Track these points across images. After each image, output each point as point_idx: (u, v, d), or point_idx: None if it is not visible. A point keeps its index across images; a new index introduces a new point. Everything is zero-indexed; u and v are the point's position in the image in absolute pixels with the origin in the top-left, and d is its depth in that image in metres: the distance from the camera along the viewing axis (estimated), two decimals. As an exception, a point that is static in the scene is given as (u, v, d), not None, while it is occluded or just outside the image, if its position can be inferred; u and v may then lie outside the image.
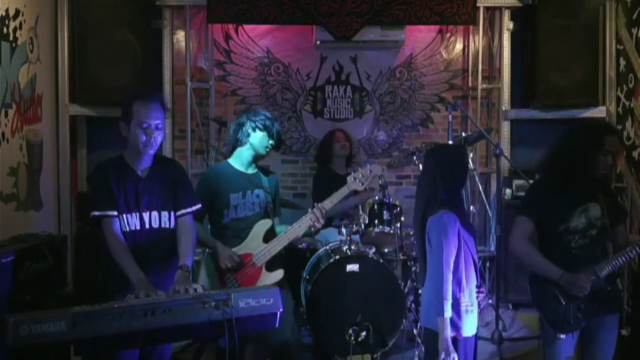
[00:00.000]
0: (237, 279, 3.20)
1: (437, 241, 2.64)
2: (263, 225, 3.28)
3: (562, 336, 2.81)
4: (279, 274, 3.24)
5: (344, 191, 3.24)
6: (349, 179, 3.26)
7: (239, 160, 3.36)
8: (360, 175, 3.25)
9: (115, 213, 2.70)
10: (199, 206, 2.93)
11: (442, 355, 2.59)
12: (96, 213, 2.70)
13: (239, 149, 3.35)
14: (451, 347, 2.60)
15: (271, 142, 3.31)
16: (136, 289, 2.50)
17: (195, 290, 2.48)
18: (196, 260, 3.20)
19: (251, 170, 3.38)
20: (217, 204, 3.27)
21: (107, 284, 2.75)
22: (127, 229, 2.72)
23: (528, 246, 2.85)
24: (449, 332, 2.62)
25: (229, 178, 3.30)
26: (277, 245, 3.22)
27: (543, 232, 2.87)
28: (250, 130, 3.28)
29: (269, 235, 3.27)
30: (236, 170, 3.35)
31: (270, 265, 3.24)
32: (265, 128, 3.29)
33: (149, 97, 2.76)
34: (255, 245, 3.23)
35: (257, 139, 3.29)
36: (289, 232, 3.23)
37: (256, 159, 3.37)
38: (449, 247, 2.64)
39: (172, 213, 2.82)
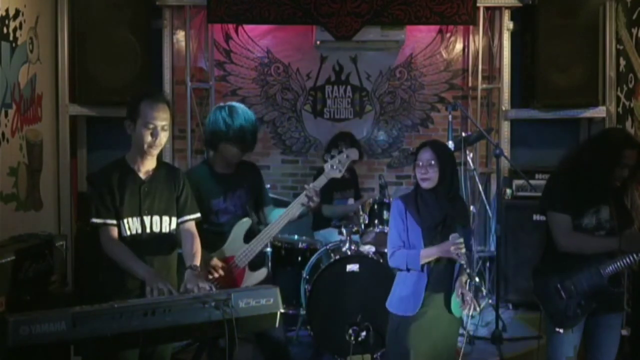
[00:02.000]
0: (222, 283, 3.08)
1: None
2: (242, 225, 3.16)
3: (560, 330, 2.83)
4: (262, 272, 3.16)
5: (322, 180, 3.06)
6: (326, 167, 3.07)
7: (218, 162, 3.21)
8: (337, 162, 3.06)
9: (114, 222, 2.69)
10: (199, 214, 2.92)
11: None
12: (95, 220, 2.69)
13: (215, 153, 3.20)
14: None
15: (236, 150, 3.12)
16: (148, 283, 2.50)
17: (211, 288, 2.49)
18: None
19: (230, 170, 3.22)
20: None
21: (107, 286, 2.75)
22: (128, 233, 2.71)
23: (578, 237, 2.85)
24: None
25: (209, 182, 3.16)
26: (258, 245, 3.11)
27: None
28: (217, 142, 3.12)
29: (250, 235, 3.16)
30: (215, 172, 3.19)
31: (253, 265, 3.15)
32: (235, 141, 3.08)
33: (156, 97, 2.75)
34: (237, 246, 3.12)
35: (228, 150, 3.11)
36: (272, 227, 3.11)
37: (229, 164, 3.20)
38: (391, 228, 2.95)
39: (172, 219, 2.81)
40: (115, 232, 2.69)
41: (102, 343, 2.09)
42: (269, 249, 4.12)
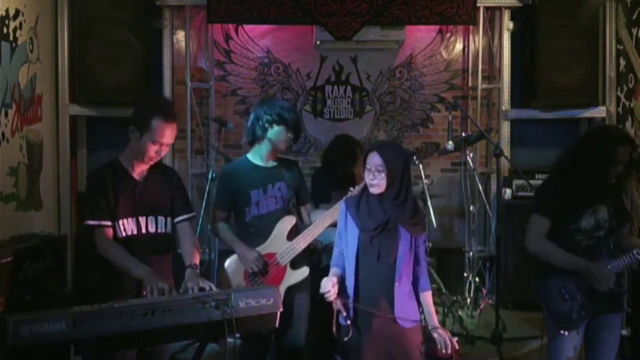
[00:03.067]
0: (262, 279, 3.14)
1: None
2: (286, 222, 3.19)
3: (564, 333, 2.83)
4: (304, 271, 3.18)
5: None
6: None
7: (258, 154, 3.25)
8: None
9: (109, 223, 2.69)
10: (193, 214, 2.95)
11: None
12: (90, 222, 2.69)
13: (257, 145, 3.25)
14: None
15: (290, 135, 3.21)
16: (146, 282, 2.50)
17: (211, 288, 2.49)
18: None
19: (271, 164, 3.27)
20: (238, 202, 3.20)
21: (104, 288, 2.74)
22: (123, 234, 2.71)
23: (547, 243, 2.86)
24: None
25: (247, 174, 3.21)
26: (301, 243, 3.15)
27: (554, 230, 2.89)
28: (267, 125, 3.16)
29: (293, 233, 3.20)
30: (254, 165, 3.25)
31: (295, 263, 3.18)
32: (282, 121, 3.16)
33: (169, 115, 2.74)
34: (279, 244, 3.15)
35: (275, 133, 3.17)
36: (315, 227, 3.14)
37: (276, 153, 3.27)
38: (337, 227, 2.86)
39: (168, 218, 2.82)
40: (110, 233, 2.69)
41: (102, 343, 2.09)
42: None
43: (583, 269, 2.78)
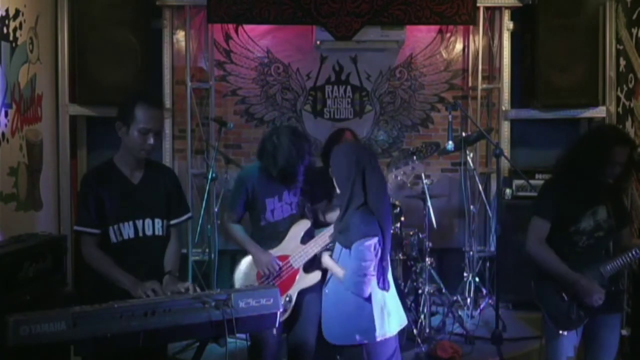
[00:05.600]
0: (275, 282, 3.15)
1: None
2: (301, 225, 3.21)
3: (564, 333, 2.83)
4: (316, 275, 3.18)
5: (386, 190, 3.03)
6: (390, 177, 3.05)
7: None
8: (402, 173, 3.05)
9: (96, 231, 2.66)
10: (190, 214, 2.94)
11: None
12: (77, 228, 2.68)
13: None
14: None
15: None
16: (133, 293, 2.50)
17: (196, 290, 2.50)
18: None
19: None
20: (254, 208, 3.23)
21: (99, 290, 2.73)
22: (121, 238, 2.69)
23: (546, 249, 2.87)
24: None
25: (263, 182, 3.22)
26: (314, 247, 3.15)
27: (554, 231, 2.90)
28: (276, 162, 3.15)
29: (307, 236, 3.21)
30: (270, 173, 3.22)
31: (308, 267, 3.18)
32: (283, 169, 3.12)
33: (152, 101, 2.70)
34: (293, 247, 3.17)
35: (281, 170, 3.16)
36: (328, 231, 3.12)
37: None
38: None
39: (164, 221, 2.80)
40: (96, 240, 2.67)
41: (102, 343, 2.09)
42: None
43: (574, 283, 2.79)
